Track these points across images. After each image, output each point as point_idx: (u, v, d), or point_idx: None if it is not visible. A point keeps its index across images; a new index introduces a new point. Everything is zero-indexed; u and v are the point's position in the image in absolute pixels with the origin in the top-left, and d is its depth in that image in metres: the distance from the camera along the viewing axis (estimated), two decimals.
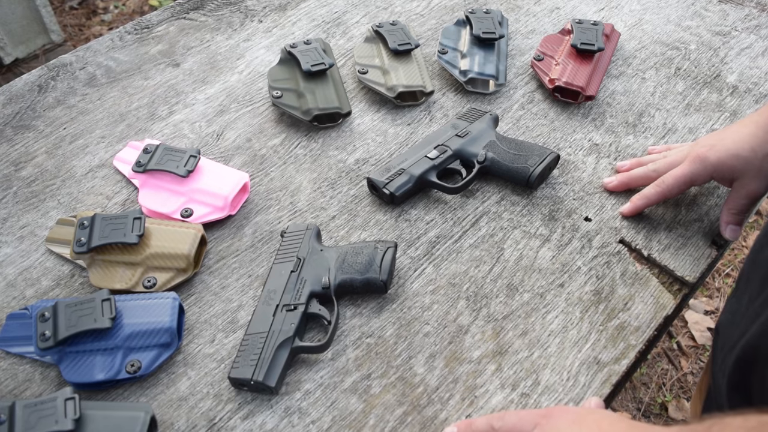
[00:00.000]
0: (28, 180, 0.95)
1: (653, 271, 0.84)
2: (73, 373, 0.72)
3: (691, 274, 0.83)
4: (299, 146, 0.98)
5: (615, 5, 1.22)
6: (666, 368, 1.66)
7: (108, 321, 0.73)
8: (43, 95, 1.08)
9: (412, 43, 1.05)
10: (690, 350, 1.69)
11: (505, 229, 0.88)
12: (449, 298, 0.81)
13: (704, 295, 1.81)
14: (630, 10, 1.20)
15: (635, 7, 1.21)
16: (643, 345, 0.78)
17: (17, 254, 0.87)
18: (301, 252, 0.81)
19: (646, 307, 0.81)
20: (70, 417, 0.65)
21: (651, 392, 1.61)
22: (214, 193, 0.88)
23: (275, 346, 0.72)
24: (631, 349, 0.77)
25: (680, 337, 1.72)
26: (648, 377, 1.64)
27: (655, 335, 0.80)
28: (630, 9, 1.21)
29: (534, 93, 1.06)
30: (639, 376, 1.64)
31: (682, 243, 0.87)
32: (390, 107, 1.04)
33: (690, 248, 0.86)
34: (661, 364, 1.67)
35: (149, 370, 0.73)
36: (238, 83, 1.08)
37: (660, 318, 0.80)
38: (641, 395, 1.61)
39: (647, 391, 1.62)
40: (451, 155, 0.92)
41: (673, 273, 0.84)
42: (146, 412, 0.67)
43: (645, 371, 1.65)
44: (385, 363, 0.75)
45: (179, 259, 0.81)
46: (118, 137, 1.01)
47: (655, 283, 0.83)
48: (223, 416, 0.71)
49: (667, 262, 0.85)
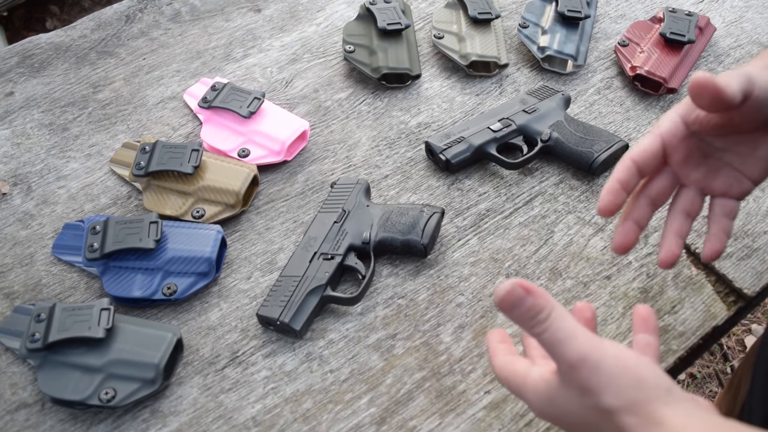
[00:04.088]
0: (104, 103, 0.99)
1: (710, 278, 0.80)
2: (114, 286, 0.74)
3: (750, 288, 0.78)
4: (364, 103, 0.98)
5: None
6: (715, 390, 1.58)
7: (152, 242, 0.75)
8: (129, 25, 1.11)
9: (493, 13, 1.02)
10: None
11: (559, 212, 0.85)
12: (489, 273, 0.79)
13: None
14: (731, 6, 1.13)
15: (738, 3, 1.13)
16: (685, 352, 0.74)
17: (83, 170, 0.90)
18: (347, 205, 0.81)
19: (695, 314, 0.77)
20: (103, 326, 0.68)
21: None
22: (273, 137, 0.88)
23: (306, 291, 0.73)
24: (671, 354, 0.73)
25: (735, 361, 1.63)
26: None
27: (700, 344, 0.76)
28: (732, 5, 1.13)
29: (613, 79, 1.01)
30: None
31: (746, 254, 0.81)
32: (461, 75, 1.01)
33: (754, 261, 0.81)
34: (710, 386, 1.59)
35: (184, 295, 0.75)
36: (315, 35, 1.08)
37: (708, 327, 0.76)
38: None
39: None
40: (514, 130, 0.89)
41: (731, 283, 0.79)
42: (174, 333, 0.69)
43: (692, 389, 1.58)
44: (412, 326, 0.74)
45: (229, 195, 0.82)
46: (192, 73, 1.03)
47: (710, 291, 0.79)
48: (246, 351, 0.72)
49: (726, 271, 0.80)
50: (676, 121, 0.63)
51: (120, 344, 0.68)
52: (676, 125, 0.63)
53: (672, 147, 0.63)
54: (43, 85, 1.01)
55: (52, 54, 1.06)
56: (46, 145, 0.93)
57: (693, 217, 0.66)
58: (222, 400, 0.69)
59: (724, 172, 0.64)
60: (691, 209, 0.66)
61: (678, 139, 0.63)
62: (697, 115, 0.61)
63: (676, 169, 0.65)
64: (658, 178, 0.66)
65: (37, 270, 0.80)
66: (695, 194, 0.66)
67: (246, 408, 0.68)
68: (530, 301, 0.47)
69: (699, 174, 0.65)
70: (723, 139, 0.63)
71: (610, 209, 0.63)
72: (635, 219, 0.66)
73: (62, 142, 0.94)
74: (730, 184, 0.64)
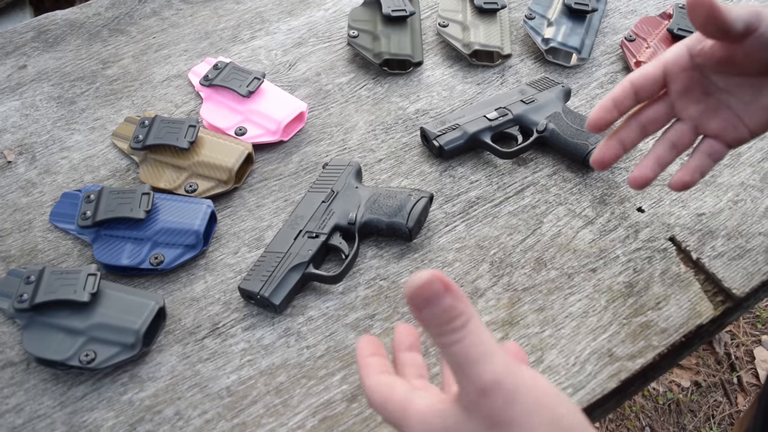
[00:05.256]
0: (111, 79, 1.01)
1: (698, 276, 0.79)
2: (103, 253, 0.76)
3: (740, 288, 0.77)
4: (364, 88, 0.99)
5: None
6: (720, 401, 1.56)
7: (143, 213, 0.77)
8: (143, 4, 1.13)
9: (499, 3, 1.02)
10: (750, 388, 1.58)
11: (550, 203, 0.85)
12: (473, 260, 0.79)
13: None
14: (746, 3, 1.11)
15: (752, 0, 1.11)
16: (666, 349, 0.73)
17: (85, 142, 0.93)
18: (336, 186, 0.82)
19: (679, 311, 0.76)
20: (88, 290, 0.70)
21: (697, 421, 1.52)
22: (270, 117, 0.89)
23: (288, 268, 0.74)
24: (651, 350, 0.73)
25: (743, 372, 1.60)
26: (697, 405, 1.55)
27: (682, 342, 0.75)
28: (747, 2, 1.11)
29: (617, 74, 1.00)
30: (688, 401, 1.55)
31: (738, 254, 0.80)
32: (464, 64, 1.01)
33: (746, 261, 0.80)
34: (715, 395, 1.57)
35: (171, 265, 0.76)
36: (322, 20, 1.09)
37: (692, 326, 0.75)
38: (685, 422, 1.52)
39: (693, 419, 1.52)
40: (510, 119, 0.89)
41: (720, 283, 0.78)
42: (156, 302, 0.71)
43: (696, 398, 1.56)
44: (392, 307, 0.75)
45: (222, 171, 0.83)
46: (199, 53, 1.05)
47: (697, 289, 0.78)
48: (226, 323, 0.74)
49: (716, 270, 0.79)
50: (682, 51, 0.62)
51: (103, 309, 0.70)
52: (680, 55, 0.62)
53: (673, 75, 0.62)
54: (55, 59, 1.04)
55: (66, 30, 1.09)
56: (53, 117, 0.96)
57: (679, 150, 0.65)
58: (199, 369, 0.70)
59: (722, 113, 0.63)
60: (679, 142, 0.65)
61: (680, 68, 0.62)
62: (703, 46, 0.60)
63: (674, 100, 0.64)
64: (653, 105, 0.64)
65: (34, 236, 0.82)
66: (688, 129, 0.64)
67: (221, 378, 0.70)
68: (448, 301, 0.38)
69: (696, 110, 0.63)
70: (726, 79, 0.61)
71: (598, 125, 0.63)
72: (621, 138, 0.65)
73: (68, 114, 0.96)
74: (725, 128, 0.63)
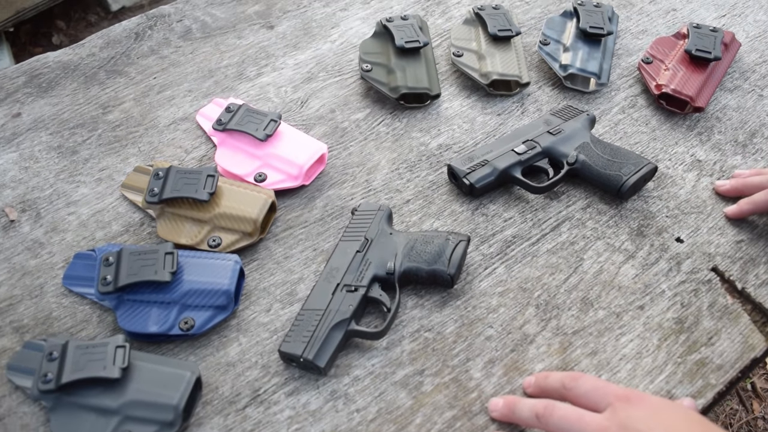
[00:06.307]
0: (114, 124, 0.96)
1: (745, 307, 0.77)
2: (128, 321, 0.71)
3: None
4: (382, 123, 0.95)
5: (738, 13, 1.12)
6: (736, 408, 1.55)
7: (168, 275, 0.72)
8: (139, 43, 1.08)
9: (513, 30, 0.99)
10: (766, 394, 1.58)
11: (588, 238, 0.82)
12: (518, 303, 0.76)
13: None
14: (755, 20, 1.10)
15: (761, 17, 1.11)
16: (724, 386, 0.71)
17: (93, 195, 0.87)
18: (369, 233, 0.78)
19: (732, 345, 0.74)
20: (118, 365, 0.65)
21: None
22: (290, 161, 0.86)
23: (330, 326, 0.70)
24: (710, 389, 0.71)
25: (756, 378, 1.60)
26: (714, 414, 1.54)
27: (738, 377, 0.73)
28: (755, 19, 1.11)
29: (637, 97, 0.98)
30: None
31: None
32: (481, 94, 0.99)
33: None
34: (730, 403, 1.56)
35: (202, 330, 0.72)
36: (329, 52, 1.06)
37: (747, 360, 0.73)
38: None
39: None
40: (539, 152, 0.86)
41: None
42: (192, 372, 0.66)
43: None
44: (440, 361, 0.71)
45: (247, 223, 0.79)
46: (204, 93, 1.00)
47: (746, 321, 0.76)
48: (268, 389, 0.69)
49: (763, 299, 0.77)
50: None
51: (136, 384, 0.65)
52: None
53: None
54: (51, 105, 0.98)
55: (60, 73, 1.03)
56: (54, 169, 0.90)
57: None
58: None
59: None
60: None
61: None
62: None
63: None
64: None
65: (47, 302, 0.77)
66: None
67: None
68: None
69: None
70: None
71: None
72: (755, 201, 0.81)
73: (71, 165, 0.91)
74: None
